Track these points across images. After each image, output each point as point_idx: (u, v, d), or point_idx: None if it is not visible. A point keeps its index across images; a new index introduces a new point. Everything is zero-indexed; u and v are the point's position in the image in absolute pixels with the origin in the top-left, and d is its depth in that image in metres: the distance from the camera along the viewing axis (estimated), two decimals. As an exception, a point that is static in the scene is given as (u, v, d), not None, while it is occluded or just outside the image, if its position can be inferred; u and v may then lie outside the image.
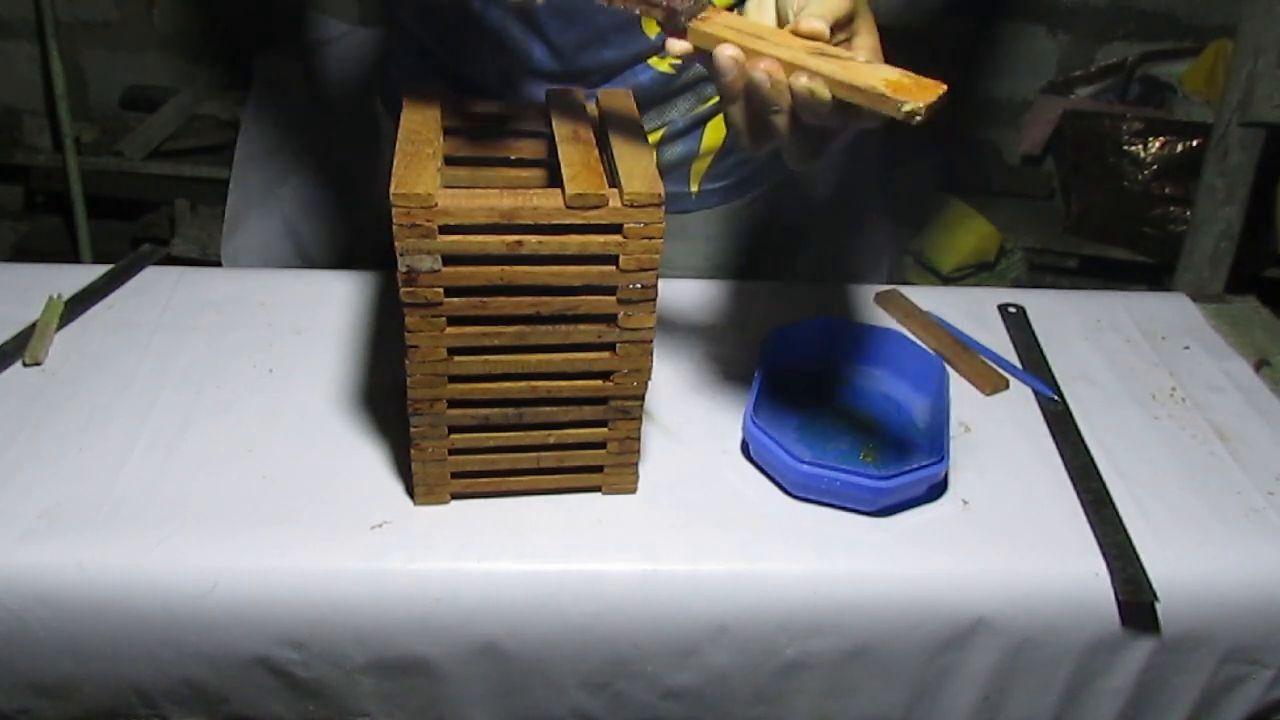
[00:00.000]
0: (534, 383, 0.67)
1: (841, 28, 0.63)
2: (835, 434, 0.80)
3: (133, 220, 2.24)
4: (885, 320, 0.94)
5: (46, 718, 0.70)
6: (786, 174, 1.12)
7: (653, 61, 0.90)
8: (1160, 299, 1.02)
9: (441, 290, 0.62)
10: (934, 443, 0.76)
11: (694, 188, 1.00)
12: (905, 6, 2.16)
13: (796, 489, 0.73)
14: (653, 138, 0.96)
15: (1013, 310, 0.97)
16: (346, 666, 0.67)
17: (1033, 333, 0.94)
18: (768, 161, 1.06)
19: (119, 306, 0.90)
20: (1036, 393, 0.87)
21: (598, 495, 0.73)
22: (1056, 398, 0.85)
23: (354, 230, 1.93)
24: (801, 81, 0.58)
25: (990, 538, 0.71)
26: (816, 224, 1.92)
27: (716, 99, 0.96)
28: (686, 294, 0.95)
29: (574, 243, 0.61)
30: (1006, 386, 0.87)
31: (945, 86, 0.57)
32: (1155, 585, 0.68)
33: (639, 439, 0.71)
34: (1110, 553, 0.70)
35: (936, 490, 0.75)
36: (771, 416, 0.80)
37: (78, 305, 0.89)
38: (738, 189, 1.04)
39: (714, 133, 0.98)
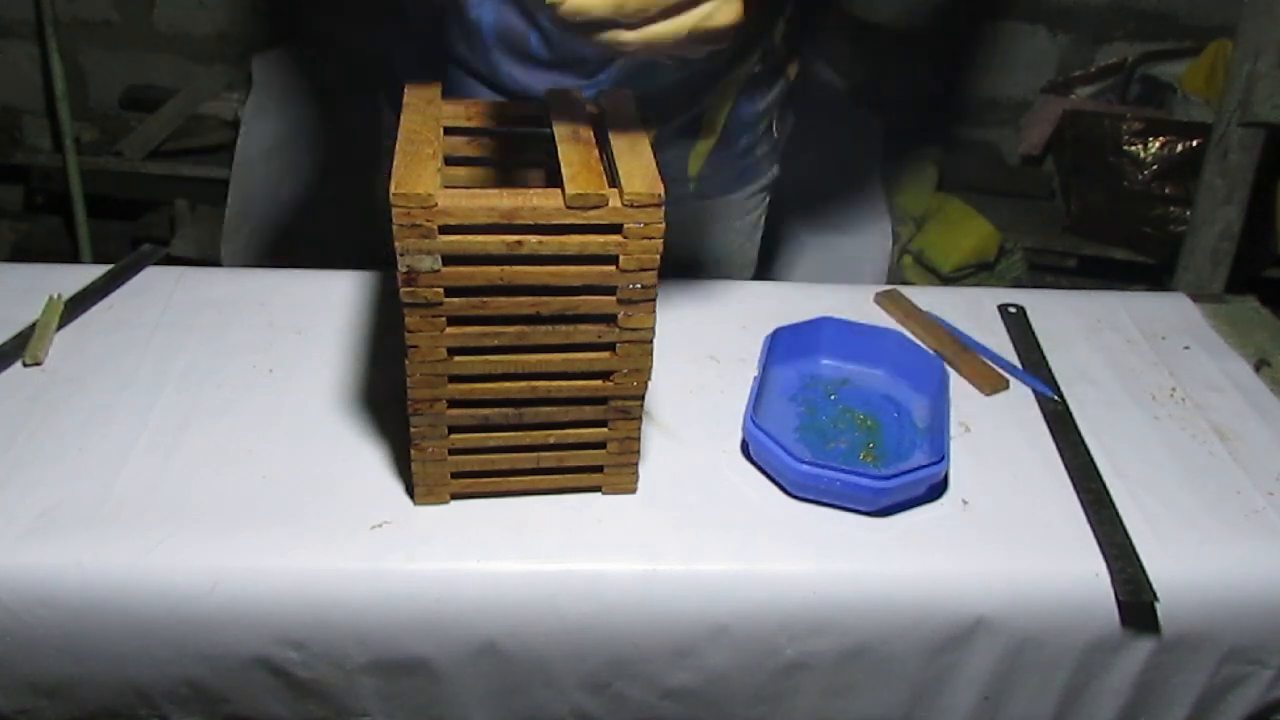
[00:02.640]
0: (534, 383, 0.67)
1: None
2: (835, 434, 0.80)
3: (133, 220, 2.24)
4: (885, 320, 0.94)
5: (46, 718, 0.70)
6: (786, 170, 1.12)
7: None
8: (1160, 299, 1.02)
9: (441, 290, 0.62)
10: (934, 443, 0.76)
11: (692, 174, 1.00)
12: (905, 7, 2.16)
13: (796, 489, 0.73)
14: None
15: (1013, 310, 0.97)
16: (346, 666, 0.67)
17: (1033, 333, 0.94)
18: (767, 155, 1.07)
19: (119, 306, 0.90)
20: (1036, 393, 0.87)
21: (598, 495, 0.73)
22: (1056, 398, 0.85)
23: (354, 230, 1.93)
24: None
25: (990, 538, 0.71)
26: (817, 223, 1.92)
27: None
28: (686, 294, 0.95)
29: (574, 243, 0.61)
30: (1006, 386, 0.87)
31: None
32: (1155, 585, 0.68)
33: (639, 439, 0.71)
34: (1110, 553, 0.70)
35: (936, 490, 0.75)
36: (771, 416, 0.80)
37: (78, 305, 0.89)
38: (736, 181, 1.04)
39: (711, 124, 0.97)
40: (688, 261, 1.05)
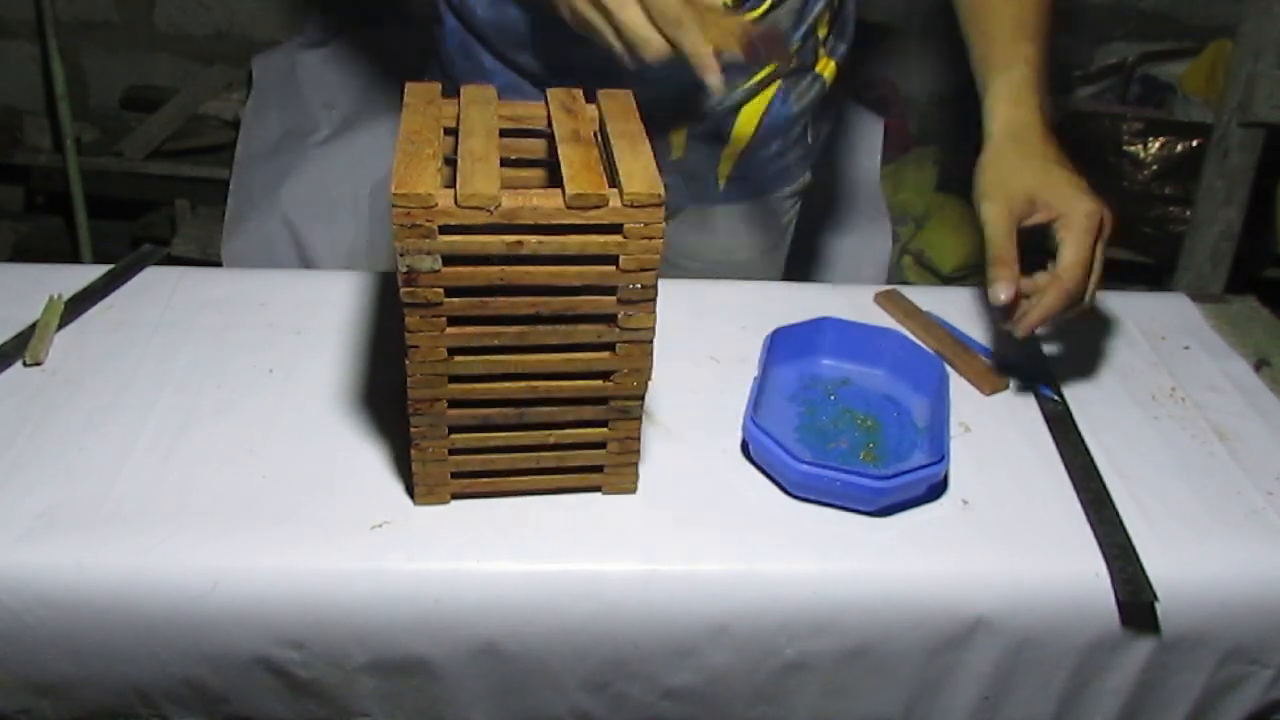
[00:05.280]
0: (534, 383, 0.67)
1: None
2: (835, 434, 0.80)
3: (133, 220, 2.24)
4: (885, 320, 0.94)
5: (46, 718, 0.70)
6: (815, 174, 1.12)
7: None
8: (1160, 299, 1.02)
9: (441, 290, 0.62)
10: (934, 443, 0.76)
11: (722, 180, 1.00)
12: (904, 6, 2.16)
13: (796, 489, 0.73)
14: (679, 135, 0.96)
15: (1013, 310, 0.97)
16: (346, 666, 0.67)
17: (1033, 333, 0.94)
18: (800, 159, 1.06)
19: (119, 306, 0.90)
20: (1036, 393, 0.86)
21: (598, 495, 0.73)
22: (1056, 398, 0.85)
23: (354, 230, 1.93)
24: None
25: (990, 538, 0.71)
26: (817, 223, 1.92)
27: (744, 84, 0.94)
28: (687, 294, 0.95)
29: (574, 243, 0.61)
30: (1006, 386, 0.87)
31: None
32: (1155, 585, 0.68)
33: (639, 439, 0.71)
34: (1110, 553, 0.70)
35: (936, 490, 0.75)
36: (771, 416, 0.80)
37: (78, 305, 0.89)
38: (767, 184, 1.04)
39: (744, 124, 0.97)
40: (714, 264, 1.04)
